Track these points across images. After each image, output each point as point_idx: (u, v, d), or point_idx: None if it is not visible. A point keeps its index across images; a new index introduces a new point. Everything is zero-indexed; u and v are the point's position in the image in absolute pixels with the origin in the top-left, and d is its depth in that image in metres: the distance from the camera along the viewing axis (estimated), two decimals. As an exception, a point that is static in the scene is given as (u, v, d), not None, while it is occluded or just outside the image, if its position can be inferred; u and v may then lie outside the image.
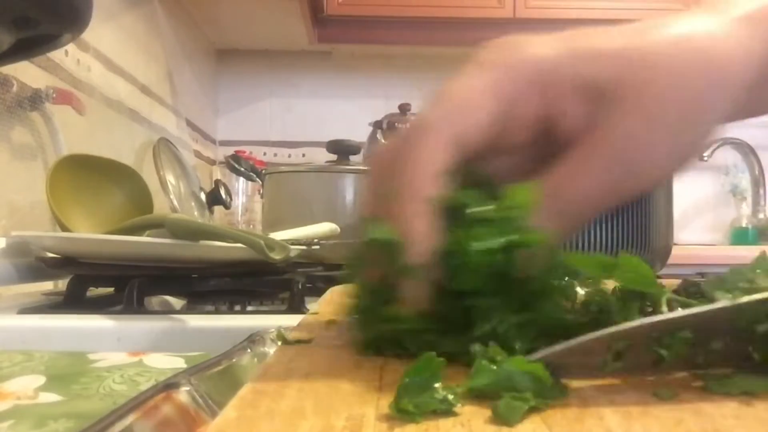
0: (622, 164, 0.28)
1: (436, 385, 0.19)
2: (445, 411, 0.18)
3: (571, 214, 0.28)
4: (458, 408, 0.19)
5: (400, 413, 0.18)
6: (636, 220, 0.75)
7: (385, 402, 0.19)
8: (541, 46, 0.29)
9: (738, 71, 0.29)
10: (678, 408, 0.19)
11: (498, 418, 0.18)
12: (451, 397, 0.19)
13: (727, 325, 0.21)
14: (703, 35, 0.29)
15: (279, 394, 0.20)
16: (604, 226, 0.73)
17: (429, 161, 0.27)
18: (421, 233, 0.25)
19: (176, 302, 0.70)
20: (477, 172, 0.29)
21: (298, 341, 0.28)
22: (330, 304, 0.43)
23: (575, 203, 0.28)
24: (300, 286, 0.60)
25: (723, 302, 0.21)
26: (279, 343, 0.28)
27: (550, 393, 0.20)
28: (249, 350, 0.33)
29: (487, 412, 0.18)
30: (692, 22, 0.30)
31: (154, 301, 0.67)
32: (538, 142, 0.30)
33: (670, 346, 0.21)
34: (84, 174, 0.81)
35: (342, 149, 1.17)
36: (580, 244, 0.73)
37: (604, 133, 0.28)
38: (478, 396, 0.19)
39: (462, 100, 0.28)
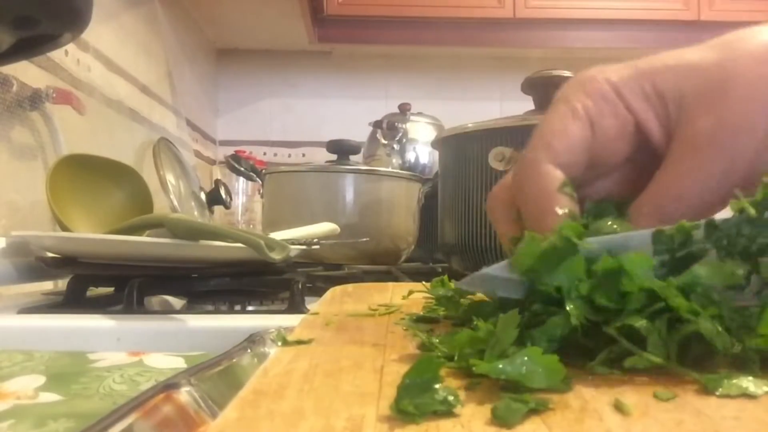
0: (719, 159, 0.29)
1: (437, 386, 0.19)
2: (446, 412, 0.18)
3: (679, 216, 0.29)
4: (458, 409, 0.19)
5: (401, 414, 0.18)
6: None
7: (385, 402, 0.19)
8: (614, 70, 0.32)
9: None
10: (678, 409, 0.19)
11: (497, 420, 0.18)
12: (451, 398, 0.19)
13: None
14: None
15: (279, 395, 0.20)
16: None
17: (542, 183, 0.31)
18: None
19: (176, 302, 0.70)
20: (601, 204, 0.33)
21: (298, 342, 0.28)
22: (330, 304, 0.43)
23: (682, 203, 0.30)
24: (300, 286, 0.60)
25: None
26: (279, 344, 0.28)
27: (558, 386, 0.20)
28: (249, 350, 0.33)
29: (487, 414, 0.18)
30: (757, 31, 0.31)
31: (154, 301, 0.67)
32: (638, 157, 0.33)
33: None
34: (84, 174, 0.81)
35: (342, 149, 1.17)
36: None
37: (696, 133, 0.30)
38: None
39: (552, 131, 0.32)
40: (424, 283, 0.43)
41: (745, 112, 0.29)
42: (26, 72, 0.89)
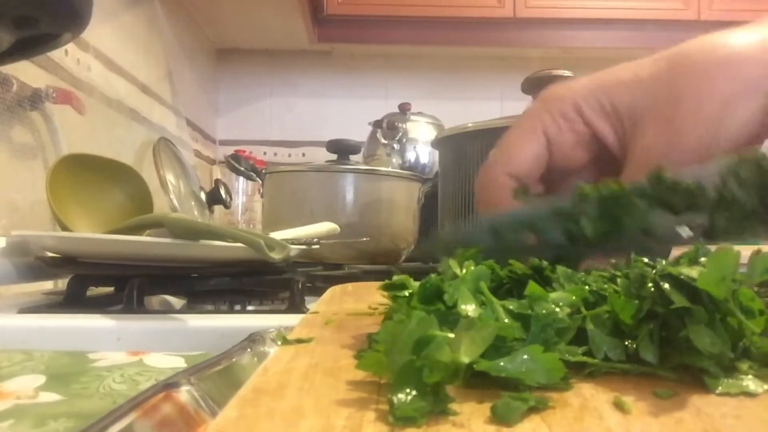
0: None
1: (428, 387, 0.19)
2: (442, 410, 0.18)
3: None
4: (457, 407, 0.19)
5: (402, 421, 0.17)
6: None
7: (385, 402, 0.19)
8: (573, 85, 0.36)
9: (763, 76, 0.31)
10: (678, 407, 0.19)
11: (497, 418, 0.18)
12: (447, 397, 0.19)
13: None
14: (726, 46, 0.32)
15: (279, 394, 0.20)
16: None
17: (493, 189, 0.36)
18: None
19: (176, 302, 0.70)
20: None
21: (298, 340, 0.28)
22: (330, 303, 0.43)
23: None
24: (300, 286, 0.60)
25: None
26: (279, 343, 0.28)
27: (556, 385, 0.20)
28: (249, 350, 0.33)
29: (486, 412, 0.18)
30: (716, 39, 0.33)
31: (154, 300, 0.67)
32: (600, 160, 0.36)
33: None
34: (84, 174, 0.81)
35: (342, 149, 1.16)
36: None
37: (642, 143, 0.33)
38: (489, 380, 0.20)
39: (511, 144, 0.37)
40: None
41: (692, 129, 0.32)
42: (26, 72, 0.89)
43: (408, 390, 0.18)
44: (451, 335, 0.20)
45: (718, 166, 0.29)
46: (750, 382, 0.20)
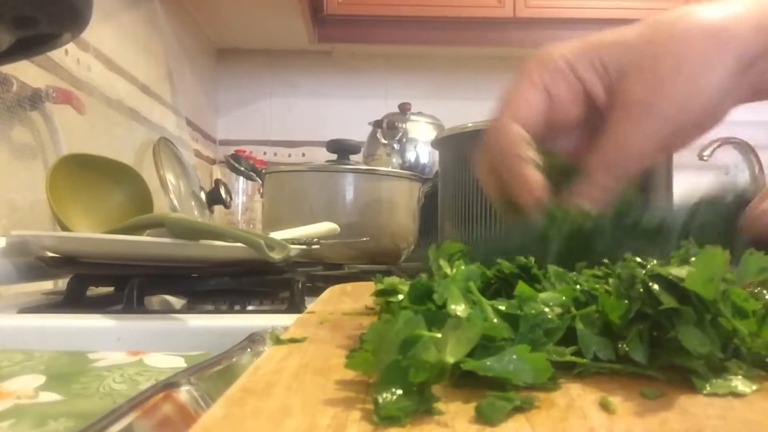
0: (650, 117, 0.36)
1: (414, 387, 0.19)
2: (427, 410, 0.18)
3: (624, 165, 0.37)
4: (443, 407, 0.19)
5: (386, 421, 0.17)
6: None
7: (371, 402, 0.19)
8: (565, 45, 0.39)
9: (734, 40, 0.36)
10: (664, 408, 0.19)
11: (482, 418, 0.18)
12: (431, 396, 0.19)
13: None
14: (704, 14, 0.37)
15: (267, 393, 0.20)
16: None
17: (508, 136, 0.38)
18: (528, 178, 0.37)
19: (176, 302, 0.70)
20: (554, 155, 0.39)
21: (292, 340, 0.28)
22: (327, 302, 0.43)
23: (625, 154, 0.37)
24: (300, 286, 0.60)
25: None
26: (271, 342, 0.28)
27: (544, 385, 0.20)
28: (249, 350, 0.33)
29: (471, 412, 0.18)
30: (696, 8, 0.38)
31: (154, 300, 0.67)
32: (590, 119, 0.39)
33: None
34: (84, 174, 0.81)
35: (342, 149, 1.16)
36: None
37: (628, 97, 0.37)
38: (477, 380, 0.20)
39: (511, 96, 0.39)
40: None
41: (672, 82, 0.36)
42: (26, 72, 0.89)
43: (393, 389, 0.18)
44: (438, 335, 0.21)
45: (684, 209, 0.35)
46: (739, 383, 0.20)
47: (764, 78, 0.39)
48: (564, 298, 0.24)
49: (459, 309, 0.24)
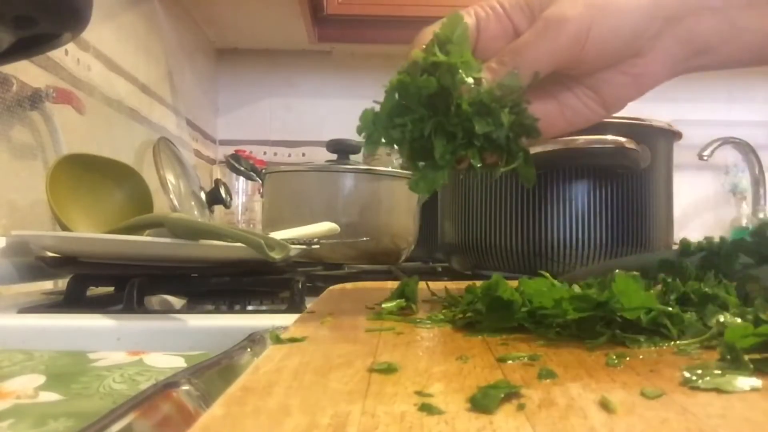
0: (552, 33, 0.40)
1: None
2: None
3: (519, 65, 0.40)
4: (443, 406, 0.19)
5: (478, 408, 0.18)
6: (636, 219, 0.75)
7: (371, 400, 0.19)
8: None
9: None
10: (664, 407, 0.19)
11: (476, 408, 0.18)
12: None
13: None
14: None
15: (267, 392, 0.20)
16: (605, 226, 0.73)
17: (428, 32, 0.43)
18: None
19: (176, 302, 0.70)
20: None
21: (292, 340, 0.28)
22: (327, 302, 0.43)
23: (523, 57, 0.40)
24: (300, 286, 0.60)
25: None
26: (272, 341, 0.28)
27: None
28: (249, 349, 0.33)
29: (470, 411, 0.18)
30: None
31: (154, 300, 0.67)
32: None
33: None
34: (84, 174, 0.81)
35: (342, 149, 1.16)
36: (582, 244, 0.73)
37: (541, 17, 0.41)
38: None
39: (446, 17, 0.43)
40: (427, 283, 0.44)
41: (583, 7, 0.40)
42: (26, 71, 0.89)
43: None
44: None
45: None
46: (737, 380, 0.20)
47: (697, 36, 0.41)
48: None
49: None
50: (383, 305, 0.38)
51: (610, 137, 0.68)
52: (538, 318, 0.31)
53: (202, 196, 1.40)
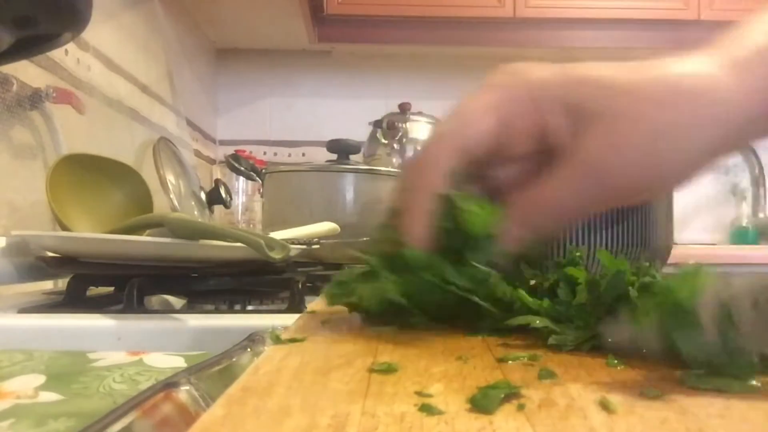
0: (595, 181, 0.32)
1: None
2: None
3: (547, 221, 0.34)
4: (443, 406, 0.19)
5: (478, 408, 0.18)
6: (636, 220, 0.75)
7: (371, 400, 0.19)
8: (539, 71, 0.34)
9: (726, 110, 0.31)
10: (664, 407, 0.19)
11: (476, 408, 0.18)
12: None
13: None
14: (693, 75, 0.32)
15: (267, 392, 0.20)
16: (605, 226, 0.73)
17: (438, 164, 0.34)
18: (418, 225, 0.34)
19: (176, 302, 0.70)
20: (487, 179, 0.36)
21: (292, 339, 0.28)
22: (329, 303, 0.43)
23: (551, 211, 0.33)
24: (300, 286, 0.60)
25: None
26: (271, 341, 0.28)
27: None
28: (249, 349, 0.33)
29: (471, 411, 0.18)
30: (686, 62, 0.32)
31: (154, 300, 0.67)
32: (540, 152, 0.34)
33: None
34: (84, 173, 0.81)
35: (342, 148, 1.16)
36: (581, 244, 0.73)
37: (581, 151, 0.32)
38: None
39: (468, 116, 0.34)
40: None
41: (634, 135, 0.31)
42: (26, 71, 0.89)
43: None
44: None
45: None
46: (735, 381, 0.21)
47: (762, 134, 0.33)
48: None
49: None
50: None
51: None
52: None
53: (202, 196, 1.40)
